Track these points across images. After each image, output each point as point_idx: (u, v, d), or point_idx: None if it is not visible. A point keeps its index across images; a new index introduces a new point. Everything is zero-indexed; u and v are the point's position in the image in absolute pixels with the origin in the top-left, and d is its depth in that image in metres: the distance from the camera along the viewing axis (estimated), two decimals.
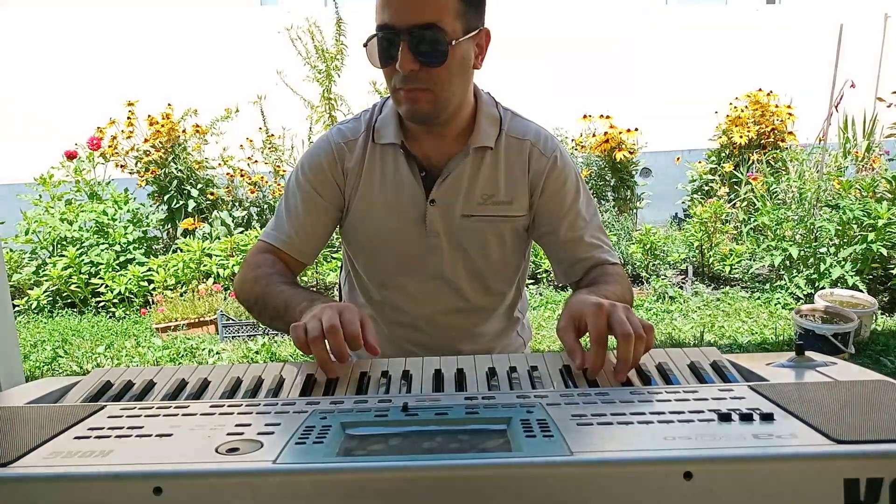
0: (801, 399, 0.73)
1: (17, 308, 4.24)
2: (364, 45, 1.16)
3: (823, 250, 3.97)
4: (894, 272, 3.77)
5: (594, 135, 5.37)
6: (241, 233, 4.68)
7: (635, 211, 5.37)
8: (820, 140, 4.78)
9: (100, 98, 5.25)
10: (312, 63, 4.80)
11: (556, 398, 0.76)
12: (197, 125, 5.04)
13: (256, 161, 5.14)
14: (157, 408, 0.78)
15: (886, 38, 6.48)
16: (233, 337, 3.80)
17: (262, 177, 5.09)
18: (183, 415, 0.75)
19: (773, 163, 5.08)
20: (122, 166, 4.99)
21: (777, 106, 5.40)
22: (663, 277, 4.43)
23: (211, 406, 0.77)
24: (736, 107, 5.50)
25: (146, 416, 0.75)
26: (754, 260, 4.39)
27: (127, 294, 4.24)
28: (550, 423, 0.68)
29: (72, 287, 4.30)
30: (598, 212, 1.38)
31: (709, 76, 6.18)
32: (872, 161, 5.05)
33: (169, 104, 4.98)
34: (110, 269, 4.34)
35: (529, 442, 0.64)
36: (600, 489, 0.60)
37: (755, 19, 6.63)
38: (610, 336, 0.92)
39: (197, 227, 4.74)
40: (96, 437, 0.69)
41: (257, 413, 0.75)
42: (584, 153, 5.38)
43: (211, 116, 5.08)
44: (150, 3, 5.99)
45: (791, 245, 4.00)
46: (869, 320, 3.44)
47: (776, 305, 3.95)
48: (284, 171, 5.01)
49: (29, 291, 4.32)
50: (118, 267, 4.42)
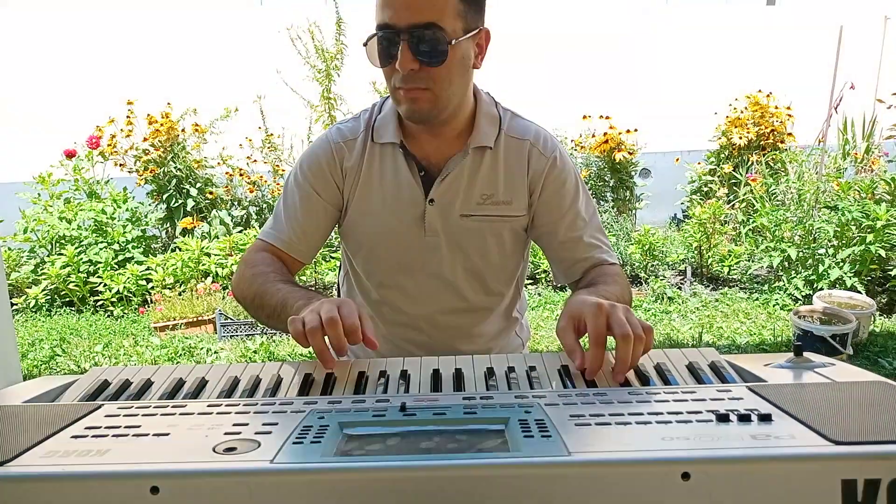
0: (799, 400, 0.73)
1: (16, 306, 4.23)
2: (364, 45, 1.16)
3: (822, 251, 3.97)
4: (892, 273, 3.78)
5: (593, 135, 5.37)
6: (240, 232, 4.67)
7: (634, 211, 5.37)
8: (819, 141, 4.78)
9: (99, 97, 5.24)
10: (312, 63, 4.80)
11: (555, 398, 0.76)
12: (196, 124, 5.03)
13: (255, 160, 5.14)
14: (155, 407, 0.77)
15: (886, 40, 6.49)
16: (231, 336, 3.80)
17: (261, 176, 5.09)
18: (180, 414, 0.75)
19: (773, 164, 5.09)
20: (121, 165, 4.98)
21: (776, 107, 5.41)
22: (662, 278, 4.43)
23: (208, 405, 0.77)
24: (735, 108, 5.50)
25: (143, 416, 0.75)
26: (753, 261, 4.39)
27: (125, 293, 4.23)
28: (548, 424, 0.68)
29: (70, 286, 4.29)
30: (598, 212, 1.38)
31: (708, 77, 6.19)
32: (871, 162, 5.05)
33: (168, 103, 4.98)
34: (109, 268, 4.33)
35: (527, 442, 0.64)
36: (598, 489, 0.59)
37: (755, 20, 6.64)
38: (609, 337, 0.92)
39: (196, 227, 4.74)
40: (93, 437, 0.68)
41: (255, 412, 0.75)
42: (584, 153, 5.38)
43: (210, 116, 5.08)
44: (150, 3, 5.99)
45: (790, 246, 4.00)
46: (867, 321, 3.44)
47: (774, 306, 3.95)
48: (283, 171, 5.01)
49: (27, 290, 4.32)
50: (117, 266, 4.41)
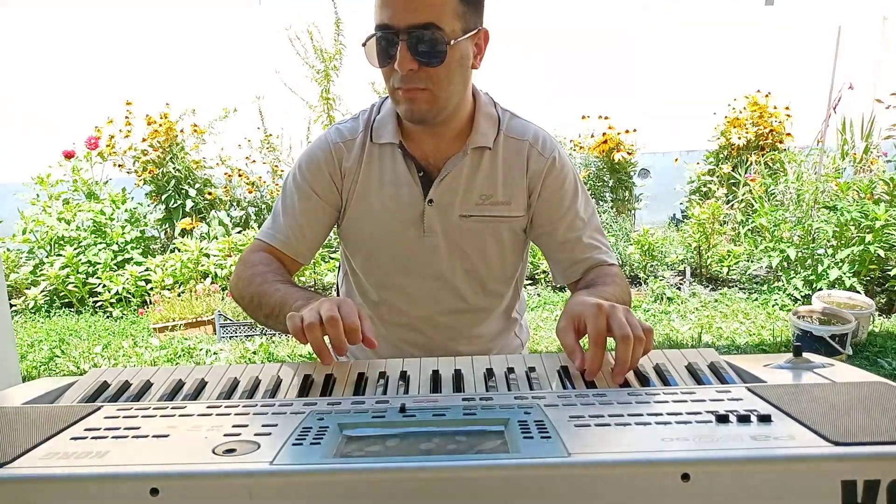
0: (799, 401, 0.73)
1: (15, 308, 4.23)
2: (363, 45, 1.16)
3: (821, 252, 3.97)
4: (892, 274, 3.78)
5: (592, 135, 5.37)
6: (239, 233, 4.67)
7: (633, 212, 5.37)
8: (818, 142, 4.78)
9: (99, 97, 5.24)
10: (311, 63, 4.80)
11: (554, 399, 0.76)
12: (195, 125, 5.03)
13: (254, 161, 5.13)
14: (154, 408, 0.77)
15: (884, 41, 6.49)
16: (230, 337, 3.79)
17: (260, 177, 5.09)
18: (180, 415, 0.75)
19: (771, 164, 5.09)
20: (120, 166, 4.98)
21: (775, 107, 5.41)
22: (661, 278, 4.43)
23: (208, 407, 0.77)
24: (734, 108, 5.51)
25: (143, 417, 0.74)
26: (752, 261, 4.39)
27: (124, 294, 4.23)
28: (548, 425, 0.68)
29: (69, 287, 4.29)
30: (597, 212, 1.38)
31: (707, 77, 6.19)
32: (870, 163, 5.06)
33: (167, 104, 4.98)
34: (108, 269, 4.33)
35: (527, 443, 0.64)
36: (598, 490, 0.59)
37: (753, 20, 6.64)
38: (610, 338, 0.92)
39: (194, 227, 4.74)
40: (93, 438, 0.68)
41: (254, 414, 0.75)
42: (583, 153, 5.39)
43: (209, 116, 5.08)
44: (149, 3, 5.98)
45: (789, 246, 4.01)
46: (866, 322, 3.45)
47: (774, 307, 3.95)
48: (282, 171, 5.01)
49: (26, 291, 4.32)
50: (115, 267, 4.41)
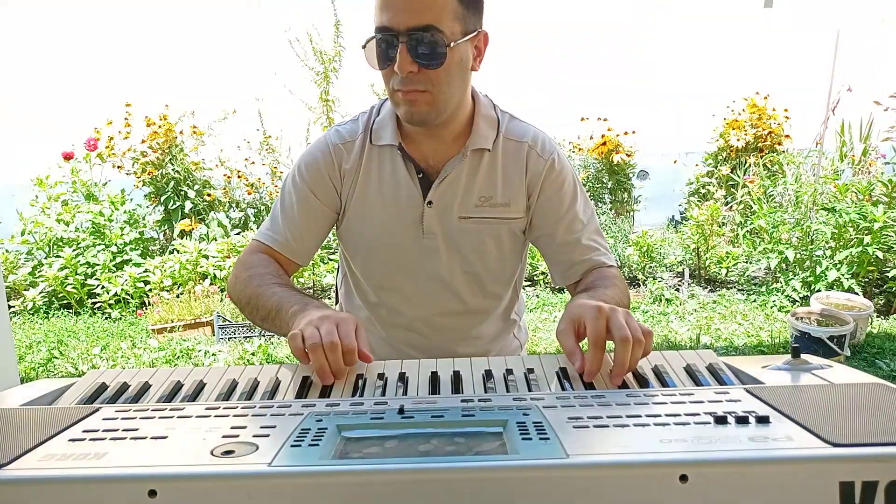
0: (797, 402, 0.73)
1: (13, 309, 4.23)
2: (362, 47, 1.16)
3: (819, 253, 3.98)
4: (890, 275, 3.78)
5: (591, 137, 5.38)
6: (238, 234, 4.67)
7: (632, 213, 5.37)
8: (817, 144, 4.79)
9: (99, 98, 5.25)
10: (310, 65, 4.80)
11: (553, 401, 0.76)
12: (194, 126, 5.03)
13: (254, 162, 5.14)
14: (153, 410, 0.77)
15: (883, 43, 6.50)
16: (229, 338, 3.79)
17: (259, 178, 5.08)
18: (178, 417, 0.75)
19: (770, 166, 5.10)
20: (119, 167, 4.98)
21: (774, 109, 5.42)
22: (660, 280, 4.43)
23: (206, 408, 0.77)
24: (733, 110, 5.51)
25: (141, 419, 0.74)
26: (750, 262, 4.40)
27: (123, 295, 4.23)
28: (546, 426, 0.68)
29: (68, 288, 4.29)
30: (596, 214, 1.38)
31: (706, 79, 6.20)
32: (869, 164, 5.06)
33: (166, 105, 4.98)
34: (106, 271, 4.33)
35: (525, 444, 0.64)
36: (596, 492, 0.59)
37: (752, 22, 6.64)
38: (610, 341, 0.92)
39: (193, 229, 4.73)
40: (91, 440, 0.68)
41: (253, 415, 0.75)
42: (582, 155, 5.39)
43: (208, 117, 5.08)
44: (149, 4, 5.99)
45: (787, 248, 4.01)
46: (864, 323, 3.45)
47: (772, 308, 3.95)
48: (281, 173, 5.01)
49: (25, 292, 4.31)
50: (114, 268, 4.41)
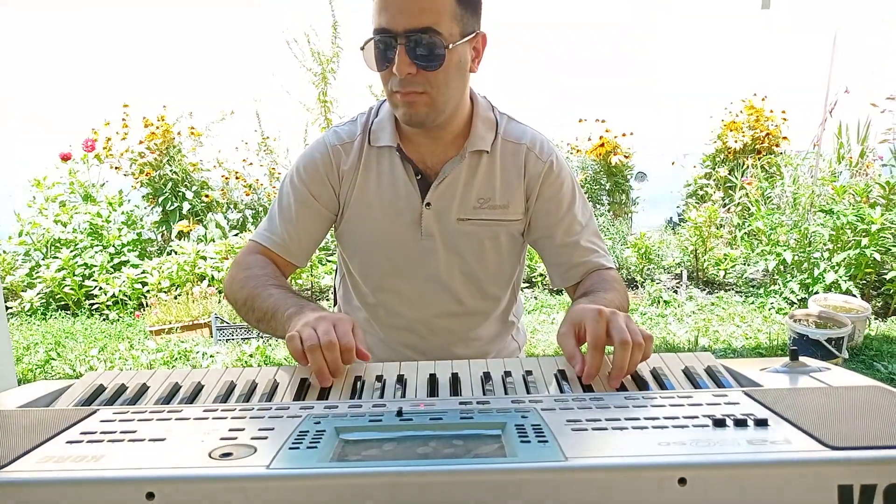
0: (796, 405, 0.73)
1: (10, 310, 4.22)
2: (361, 49, 1.16)
3: (817, 255, 3.98)
4: (888, 277, 3.79)
5: (590, 139, 5.38)
6: (236, 235, 4.67)
7: (630, 215, 5.38)
8: (814, 145, 4.80)
9: (98, 97, 5.23)
10: (308, 66, 4.80)
11: (551, 403, 0.76)
12: (192, 127, 5.03)
13: (251, 164, 5.13)
14: (150, 412, 0.77)
15: (882, 44, 6.50)
16: (227, 340, 3.78)
17: (257, 179, 5.08)
18: (176, 419, 0.74)
19: (768, 168, 5.10)
20: (117, 168, 4.97)
21: (772, 111, 5.43)
22: (658, 282, 4.43)
23: (204, 410, 0.77)
24: (731, 112, 5.52)
25: (139, 421, 0.74)
26: (748, 264, 4.40)
27: (121, 296, 4.22)
28: (545, 429, 0.68)
29: (65, 289, 4.28)
30: (594, 216, 1.39)
31: (705, 81, 6.20)
32: (866, 166, 5.07)
33: (164, 106, 4.97)
34: (104, 272, 4.32)
35: (524, 447, 0.64)
36: (595, 495, 0.59)
37: (750, 23, 6.64)
38: (610, 345, 0.92)
39: (191, 230, 4.73)
40: (88, 442, 0.68)
41: (251, 417, 0.75)
42: (580, 156, 5.39)
43: (206, 117, 5.07)
44: (148, 4, 5.98)
45: (785, 250, 4.01)
46: (862, 325, 3.45)
47: (770, 310, 3.96)
48: (279, 174, 5.00)
49: (22, 294, 4.30)
50: (112, 269, 4.40)
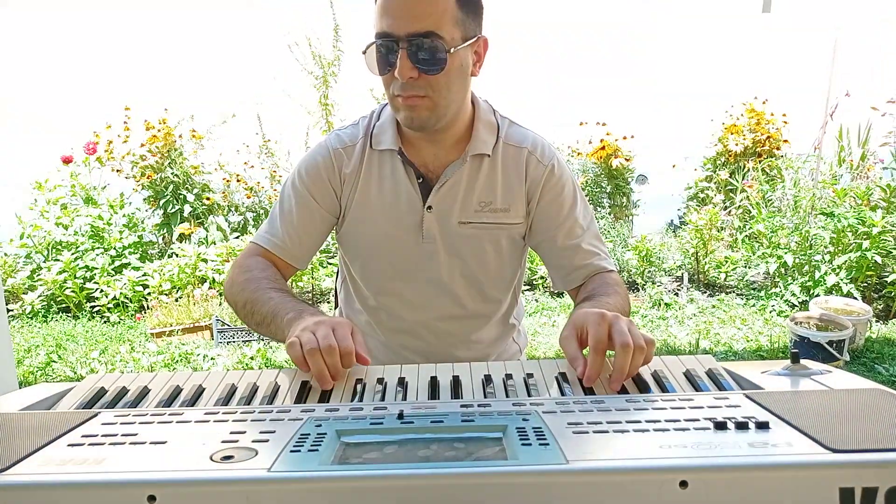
0: (797, 408, 0.73)
1: (12, 313, 4.22)
2: (363, 53, 1.16)
3: (818, 258, 3.98)
4: (888, 280, 3.79)
5: (590, 141, 5.38)
6: (237, 238, 4.67)
7: (631, 218, 5.38)
8: (815, 148, 4.80)
9: (98, 98, 5.25)
10: (309, 69, 4.81)
11: (552, 406, 0.76)
12: (193, 130, 5.03)
13: (253, 166, 5.14)
14: (152, 415, 0.77)
15: (883, 43, 6.51)
16: (228, 342, 3.79)
17: (259, 182, 5.08)
18: (177, 422, 0.74)
19: (769, 171, 5.10)
20: (118, 171, 4.98)
21: (772, 114, 5.43)
22: (659, 284, 4.43)
23: (206, 413, 0.77)
24: (731, 115, 5.52)
25: (140, 424, 0.74)
26: (749, 267, 4.40)
27: (122, 299, 4.22)
28: (546, 432, 0.68)
29: (66, 292, 4.28)
30: (595, 219, 1.39)
31: (706, 84, 6.21)
32: (867, 169, 5.07)
33: (165, 109, 4.98)
34: (105, 274, 4.32)
35: (525, 450, 0.64)
36: (596, 498, 0.59)
37: (751, 28, 6.65)
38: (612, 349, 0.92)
39: (192, 232, 4.73)
40: (90, 445, 0.68)
41: (252, 420, 0.75)
42: (580, 159, 5.40)
43: (207, 119, 5.07)
44: (148, 4, 5.99)
45: (786, 252, 4.01)
46: (863, 328, 3.45)
47: (771, 313, 3.96)
48: (280, 177, 5.01)
49: (23, 296, 4.30)
50: (113, 272, 4.40)
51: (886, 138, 4.83)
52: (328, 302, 4.31)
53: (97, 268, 4.34)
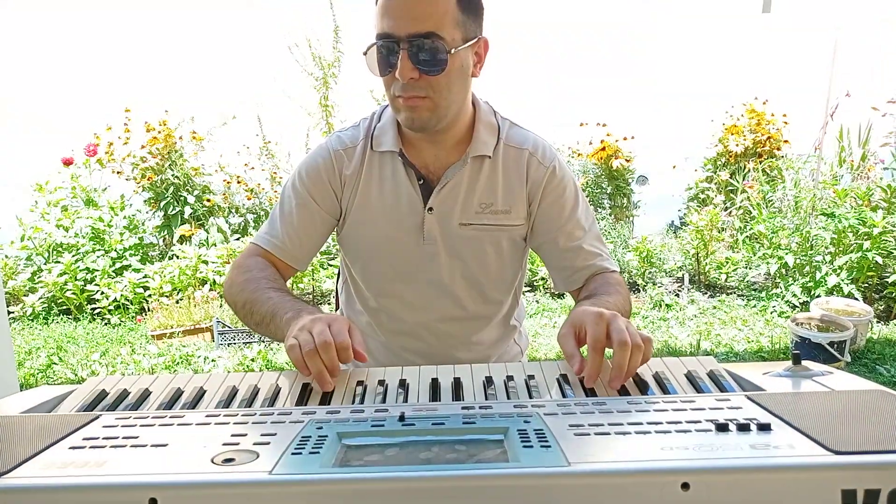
0: (799, 409, 0.73)
1: (12, 315, 4.22)
2: (364, 54, 1.17)
3: (819, 258, 3.98)
4: (889, 280, 3.78)
5: (591, 142, 5.38)
6: (238, 240, 4.67)
7: (631, 219, 5.38)
8: (816, 149, 4.80)
9: (98, 98, 5.25)
10: (309, 71, 4.81)
11: (554, 408, 0.76)
12: (194, 132, 5.04)
13: (253, 168, 5.14)
14: (153, 417, 0.77)
15: (883, 43, 6.50)
16: (228, 344, 3.79)
17: (259, 184, 5.09)
18: (178, 424, 0.74)
19: (769, 171, 5.10)
20: (119, 172, 4.98)
21: (773, 115, 5.43)
22: (659, 285, 4.43)
23: (207, 416, 0.77)
24: (732, 115, 5.52)
25: (141, 426, 0.74)
26: (750, 268, 4.40)
27: (122, 301, 4.22)
28: (548, 434, 0.68)
29: (67, 294, 4.28)
30: (596, 220, 1.39)
31: (706, 85, 6.21)
32: (867, 170, 5.07)
33: (166, 111, 4.98)
34: (106, 276, 4.32)
35: (527, 452, 0.64)
36: (597, 500, 0.59)
37: (751, 28, 6.65)
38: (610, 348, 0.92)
39: (193, 234, 4.73)
40: (91, 448, 0.68)
41: (253, 423, 0.75)
42: (581, 160, 5.40)
43: (207, 122, 5.08)
44: (148, 4, 6.00)
45: (787, 253, 4.01)
46: (864, 329, 3.45)
47: (772, 313, 3.95)
48: (281, 178, 5.01)
49: (24, 298, 4.31)
50: (114, 274, 4.40)
51: (887, 138, 4.82)
52: (329, 303, 4.31)
53: (98, 270, 4.34)
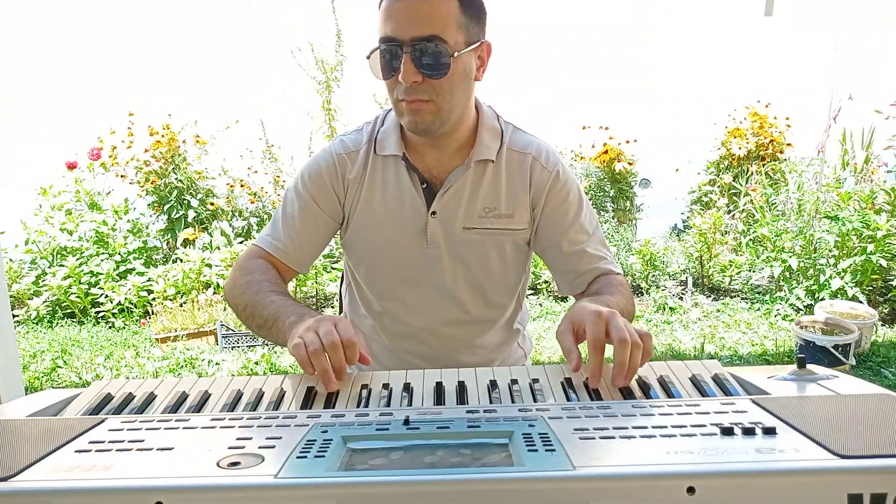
0: (804, 413, 0.72)
1: (17, 318, 4.23)
2: (367, 58, 1.17)
3: (823, 262, 3.97)
4: (894, 283, 3.77)
5: (593, 146, 5.38)
6: (241, 243, 4.68)
7: (634, 222, 5.37)
8: (819, 152, 4.79)
9: (100, 98, 5.26)
10: (312, 74, 4.83)
11: (558, 411, 0.76)
12: (197, 135, 5.05)
13: (256, 171, 5.15)
14: (158, 421, 0.77)
15: (884, 43, 6.48)
16: (232, 347, 3.79)
17: (262, 187, 5.10)
18: (184, 428, 0.75)
19: (772, 174, 5.09)
20: (122, 176, 5.00)
21: (775, 118, 5.42)
22: (663, 288, 4.42)
23: (212, 419, 0.77)
24: (734, 118, 5.52)
25: (147, 430, 0.75)
26: (754, 271, 4.39)
27: (126, 304, 4.23)
28: (552, 437, 0.68)
29: (71, 297, 4.29)
30: (599, 224, 1.39)
31: (709, 89, 6.20)
32: (871, 173, 5.06)
33: (169, 114, 5.00)
34: (110, 280, 4.33)
35: (531, 456, 0.64)
36: None
37: (753, 31, 6.64)
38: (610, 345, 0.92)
39: (197, 238, 4.74)
40: (97, 451, 0.68)
41: (258, 426, 0.75)
42: (584, 163, 5.40)
43: (210, 125, 5.09)
44: (149, 4, 6.02)
45: (790, 256, 4.00)
46: (869, 332, 3.44)
47: (776, 316, 3.94)
48: (284, 182, 5.02)
49: (28, 302, 4.32)
50: (118, 277, 4.41)
51: (890, 141, 4.81)
52: (332, 307, 4.32)
53: (102, 273, 4.35)
